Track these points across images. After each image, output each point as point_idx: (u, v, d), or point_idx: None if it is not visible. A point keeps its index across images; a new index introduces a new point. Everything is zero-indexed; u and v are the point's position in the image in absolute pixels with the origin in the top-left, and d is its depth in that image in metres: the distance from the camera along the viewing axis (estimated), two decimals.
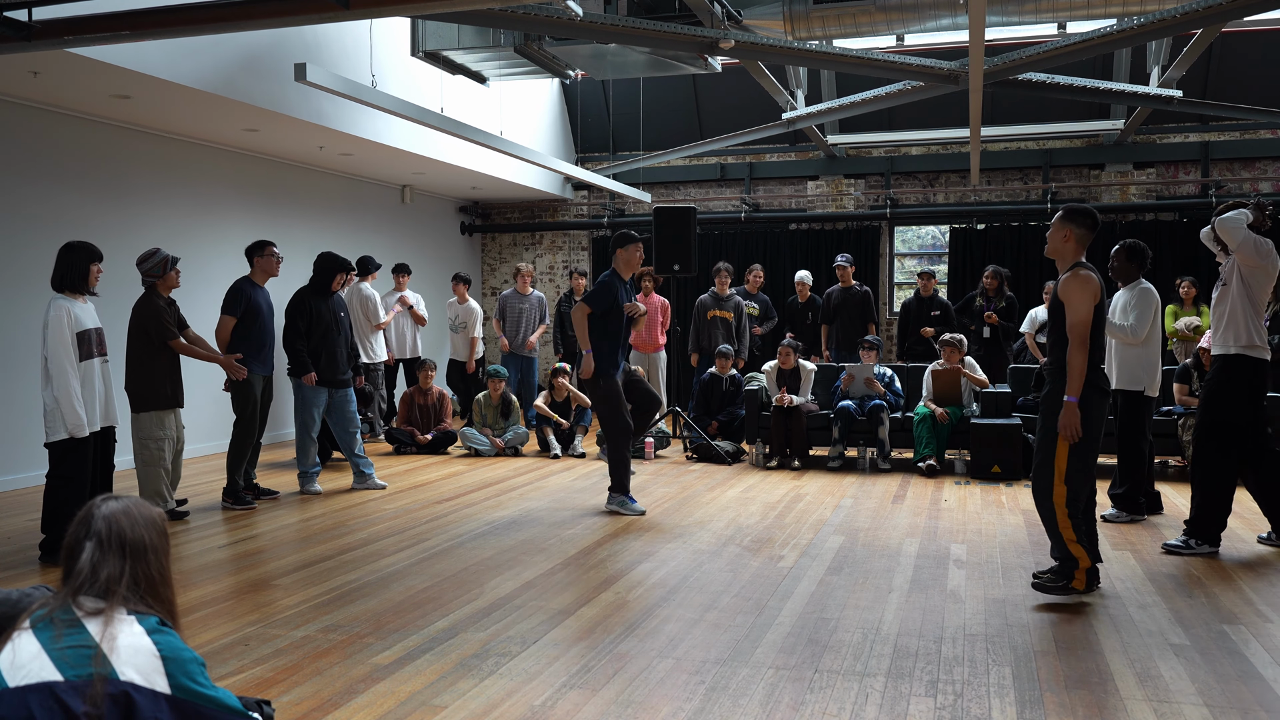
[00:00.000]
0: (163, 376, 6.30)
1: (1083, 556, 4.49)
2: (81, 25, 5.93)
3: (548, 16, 7.11)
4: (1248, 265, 5.30)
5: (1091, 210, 4.66)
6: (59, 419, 5.36)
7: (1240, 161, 11.90)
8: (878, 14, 7.69)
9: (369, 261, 9.90)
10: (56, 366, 5.34)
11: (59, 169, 8.07)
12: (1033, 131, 12.02)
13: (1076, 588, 4.50)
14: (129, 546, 2.08)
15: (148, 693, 1.96)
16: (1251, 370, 5.33)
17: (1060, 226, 4.65)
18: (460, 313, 11.03)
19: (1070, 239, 4.62)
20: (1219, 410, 5.38)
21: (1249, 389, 5.34)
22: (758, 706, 3.33)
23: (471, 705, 3.36)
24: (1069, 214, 4.66)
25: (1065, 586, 4.50)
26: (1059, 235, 4.65)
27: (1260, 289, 5.32)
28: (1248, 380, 5.34)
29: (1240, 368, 5.33)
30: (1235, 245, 5.28)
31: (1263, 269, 5.28)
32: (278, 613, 4.45)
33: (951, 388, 8.46)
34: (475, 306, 11.10)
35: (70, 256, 5.49)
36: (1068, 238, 4.63)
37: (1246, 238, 5.25)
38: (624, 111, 13.38)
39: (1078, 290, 4.50)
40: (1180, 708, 3.31)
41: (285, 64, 8.11)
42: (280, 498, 7.31)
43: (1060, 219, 4.66)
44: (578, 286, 11.21)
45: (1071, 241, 4.62)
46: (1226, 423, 5.35)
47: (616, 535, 5.97)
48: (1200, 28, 7.62)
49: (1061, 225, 4.65)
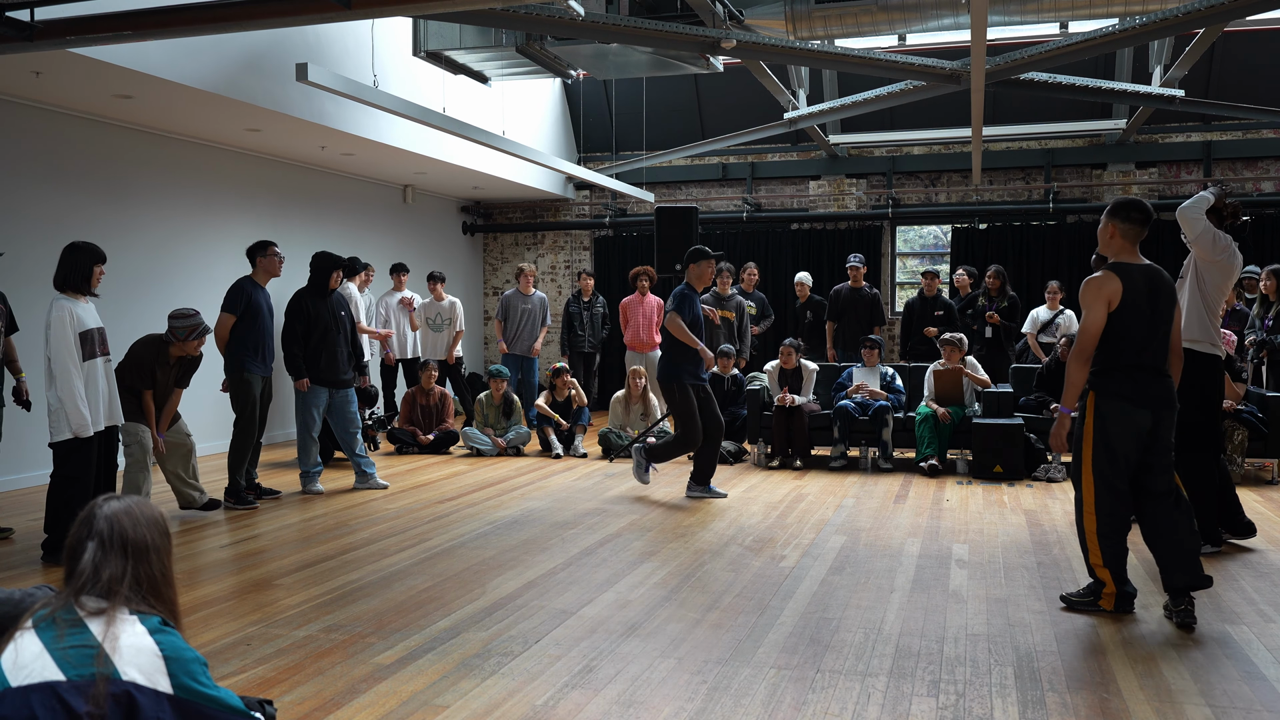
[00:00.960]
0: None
1: (1109, 581, 4.32)
2: (83, 25, 5.93)
3: (549, 16, 7.11)
4: (1203, 259, 5.20)
5: (1137, 201, 4.36)
6: (63, 419, 5.36)
7: (1243, 161, 11.89)
8: (879, 14, 7.68)
9: (355, 262, 9.86)
10: (60, 367, 5.34)
11: (61, 169, 8.07)
12: (1035, 131, 12.02)
13: (1104, 607, 4.35)
14: (131, 546, 2.09)
15: (150, 693, 1.96)
16: (1203, 366, 5.19)
17: (1106, 222, 4.40)
18: (442, 310, 10.86)
19: (1115, 234, 4.35)
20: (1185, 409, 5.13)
21: (1200, 385, 5.17)
22: (760, 706, 3.33)
23: (473, 705, 3.36)
24: (1113, 208, 4.38)
25: (1093, 604, 4.37)
26: (1105, 232, 4.40)
27: (1215, 285, 5.19)
28: (1201, 376, 5.18)
29: (1198, 364, 5.17)
30: (1193, 236, 5.17)
31: (1217, 265, 5.15)
32: (280, 612, 4.46)
33: (953, 387, 8.45)
34: (454, 300, 10.96)
35: (74, 257, 5.49)
36: (1113, 234, 4.36)
37: (1205, 229, 5.13)
38: (626, 111, 13.38)
39: (1089, 294, 4.25)
40: (1183, 708, 3.30)
41: (287, 64, 8.12)
42: (282, 497, 7.31)
43: (1106, 213, 4.41)
44: (586, 288, 11.21)
45: (1117, 237, 4.35)
46: (1194, 421, 5.16)
47: (618, 535, 5.97)
48: (1202, 27, 7.61)
49: (1107, 220, 4.39)
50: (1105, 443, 4.23)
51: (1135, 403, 4.21)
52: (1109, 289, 4.21)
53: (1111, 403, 4.22)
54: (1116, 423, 4.22)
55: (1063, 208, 12.19)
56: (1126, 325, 4.21)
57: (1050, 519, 6.36)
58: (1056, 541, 5.73)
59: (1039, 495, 7.21)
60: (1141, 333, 4.22)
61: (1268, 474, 7.77)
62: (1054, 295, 10.23)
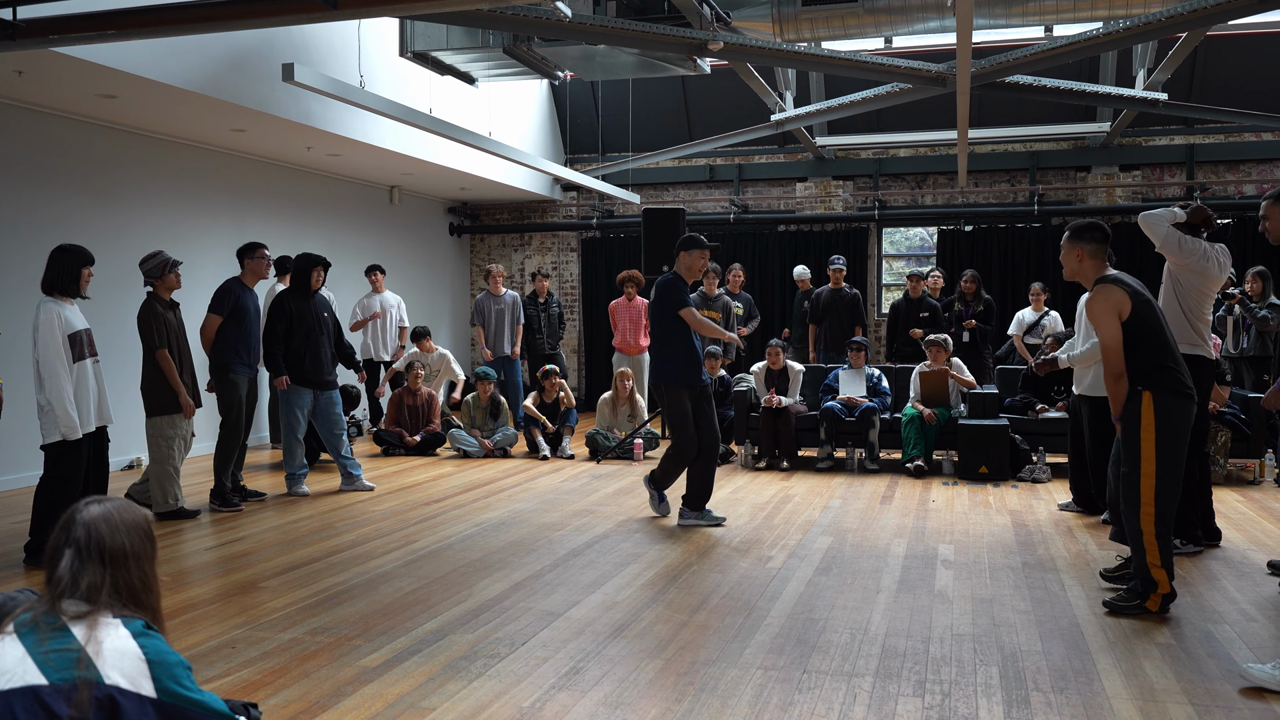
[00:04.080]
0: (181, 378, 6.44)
1: (1164, 581, 4.26)
2: (66, 24, 5.90)
3: (536, 17, 7.10)
4: (1175, 264, 5.22)
5: (1097, 223, 4.48)
6: (53, 421, 5.35)
7: (1225, 164, 11.98)
8: (866, 16, 7.71)
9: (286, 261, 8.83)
10: (49, 369, 5.33)
11: (44, 169, 8.02)
12: (1020, 134, 12.07)
13: (1150, 608, 4.29)
14: (108, 554, 2.06)
15: (133, 697, 1.95)
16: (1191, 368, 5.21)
17: (1070, 248, 4.49)
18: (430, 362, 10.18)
19: (1084, 256, 4.45)
20: None
21: None
22: (746, 707, 3.33)
23: (460, 707, 3.36)
24: (1075, 233, 4.48)
25: (1139, 606, 4.30)
26: (1072, 257, 4.49)
27: (1192, 288, 5.18)
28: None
29: None
30: (1158, 243, 5.18)
31: (1188, 268, 5.15)
32: (265, 615, 4.44)
33: (939, 389, 8.48)
34: (444, 352, 10.35)
35: (62, 260, 5.49)
36: (1081, 257, 4.46)
37: (1169, 234, 5.13)
38: (613, 113, 13.38)
39: (1099, 309, 4.27)
40: (1165, 707, 3.33)
41: (273, 64, 8.09)
42: (267, 499, 7.28)
43: (1067, 240, 4.50)
44: (540, 289, 11.27)
45: (1086, 259, 4.45)
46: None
47: (606, 536, 5.97)
48: (1185, 31, 7.66)
49: (1071, 246, 4.48)
50: (1172, 438, 4.23)
51: (1190, 396, 4.28)
52: (1115, 298, 4.25)
53: (1173, 399, 4.24)
54: (1181, 415, 4.25)
55: (1047, 210, 12.26)
56: (1150, 326, 4.26)
57: (1035, 519, 6.39)
58: (1041, 541, 5.75)
59: (1024, 496, 7.24)
60: (1164, 327, 4.30)
61: (1250, 474, 7.82)
62: (1038, 297, 10.28)
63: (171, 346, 6.42)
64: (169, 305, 6.48)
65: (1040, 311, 10.27)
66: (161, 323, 6.37)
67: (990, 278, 12.14)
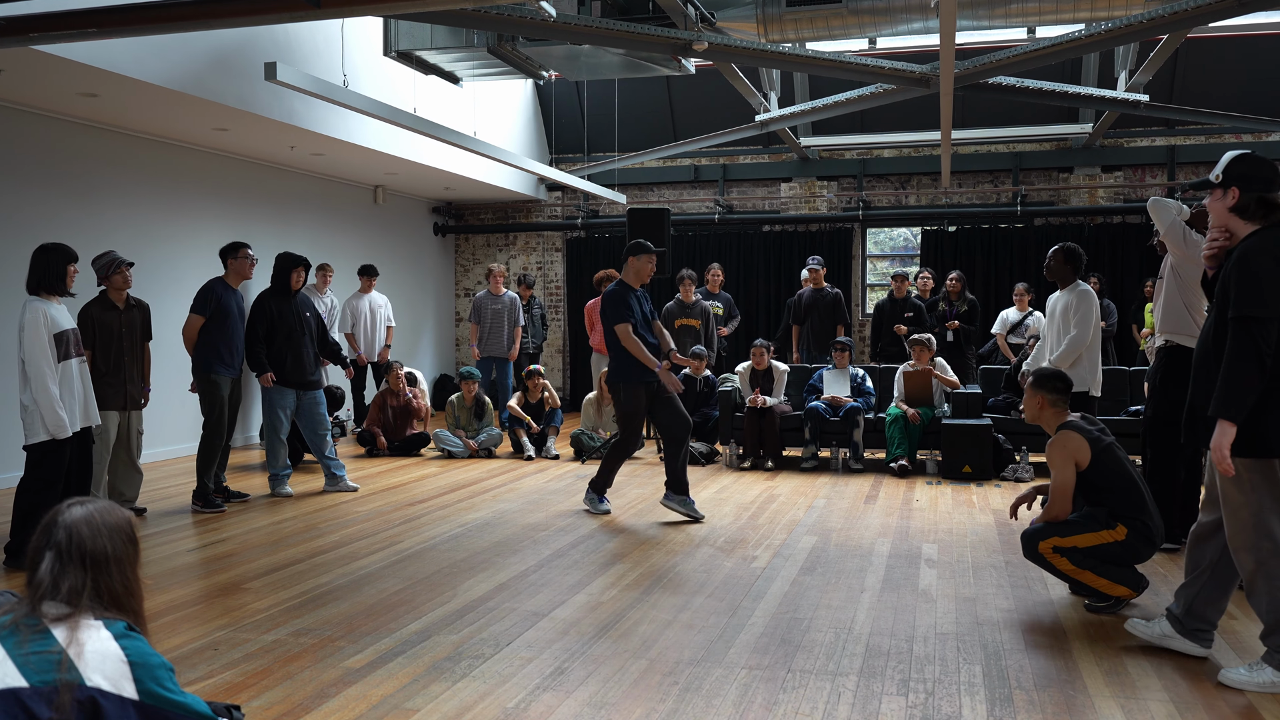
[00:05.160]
0: (101, 380, 6.34)
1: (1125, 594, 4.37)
2: (47, 22, 5.85)
3: (521, 17, 7.09)
4: (1176, 255, 5.24)
5: (1059, 373, 4.65)
6: (38, 420, 5.31)
7: (1205, 165, 12.06)
8: (850, 17, 7.73)
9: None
10: (34, 369, 5.29)
11: (25, 168, 7.96)
12: (1003, 135, 12.13)
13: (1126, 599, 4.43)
14: (89, 558, 2.05)
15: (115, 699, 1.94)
16: (1183, 360, 5.17)
17: (1033, 394, 4.63)
18: (370, 304, 10.70)
19: (1044, 405, 4.59)
20: (1163, 404, 5.27)
21: (1180, 379, 5.17)
22: (731, 707, 3.34)
23: (444, 708, 3.35)
24: (1038, 382, 4.63)
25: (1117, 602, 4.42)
26: (1034, 403, 4.62)
27: (1192, 278, 5.19)
28: (1182, 370, 5.16)
29: (1178, 358, 5.22)
30: (1163, 229, 5.20)
31: (1191, 260, 5.14)
32: (248, 616, 4.42)
33: (923, 389, 8.51)
34: (384, 297, 10.97)
35: (47, 259, 5.46)
36: (1042, 405, 4.60)
37: (1175, 223, 5.15)
38: (598, 113, 13.37)
39: (1057, 456, 4.42)
40: (1146, 704, 3.35)
41: (255, 63, 8.05)
42: (251, 500, 7.25)
43: (1030, 387, 4.65)
44: (522, 294, 11.30)
45: (1047, 407, 4.59)
46: (1171, 418, 5.17)
47: (590, 536, 5.97)
48: (1166, 33, 7.72)
49: (1034, 393, 4.62)
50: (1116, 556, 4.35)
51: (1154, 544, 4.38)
52: (1073, 447, 4.38)
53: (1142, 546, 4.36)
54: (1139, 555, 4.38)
55: (1030, 210, 12.32)
56: (1114, 472, 4.38)
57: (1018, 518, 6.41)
58: None
59: (1007, 495, 7.28)
60: (1129, 470, 4.42)
61: None
62: (1021, 297, 10.33)
63: (110, 349, 6.39)
64: (111, 306, 6.44)
65: (1024, 311, 10.32)
66: (93, 326, 6.36)
67: (974, 278, 12.20)
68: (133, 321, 6.57)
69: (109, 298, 6.47)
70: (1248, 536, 3.46)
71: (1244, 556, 3.49)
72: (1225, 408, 3.36)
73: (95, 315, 6.39)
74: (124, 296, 6.54)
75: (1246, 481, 3.44)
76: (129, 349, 6.52)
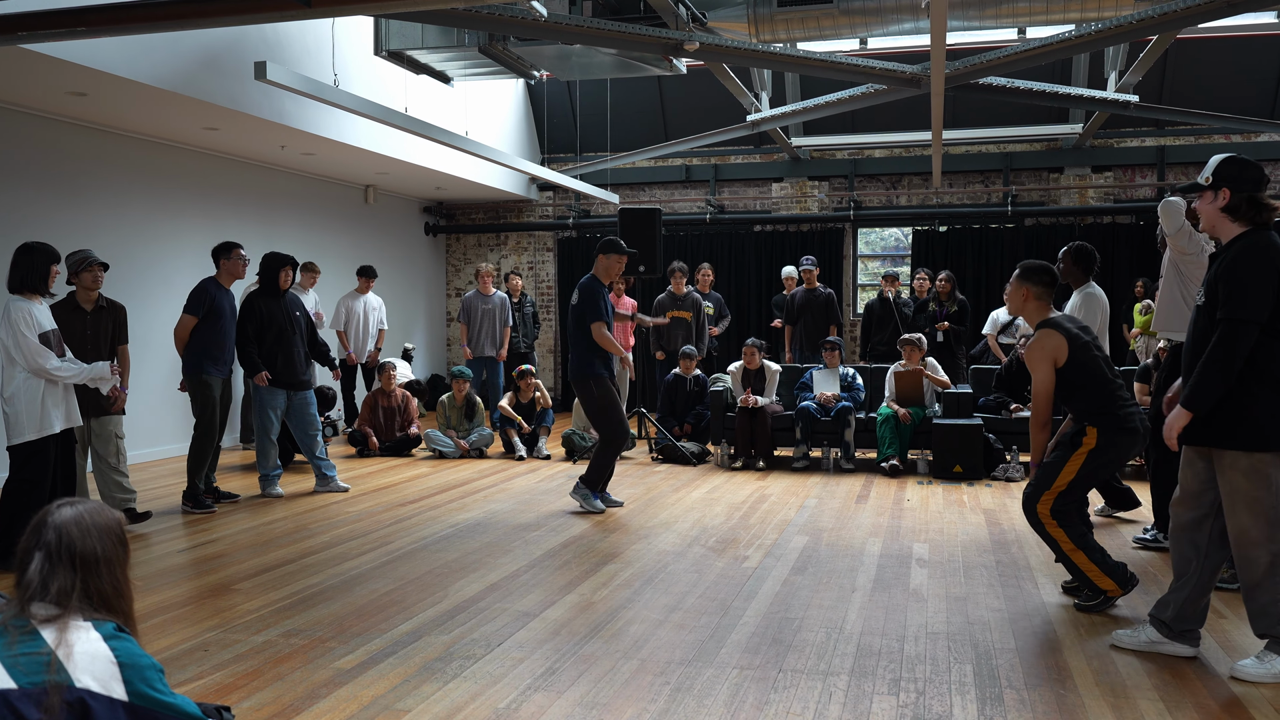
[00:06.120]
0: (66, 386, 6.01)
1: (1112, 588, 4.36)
2: (36, 21, 5.82)
3: (512, 17, 7.09)
4: (1179, 253, 5.24)
5: (1046, 265, 4.58)
6: (22, 420, 5.28)
7: (1195, 165, 12.11)
8: (841, 17, 7.74)
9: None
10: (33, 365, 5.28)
11: (13, 167, 7.92)
12: (993, 135, 12.16)
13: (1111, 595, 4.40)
14: (79, 559, 2.04)
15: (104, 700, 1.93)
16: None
17: (1018, 287, 4.59)
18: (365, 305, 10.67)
19: (1029, 297, 4.56)
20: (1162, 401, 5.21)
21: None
22: (722, 707, 3.34)
23: (435, 709, 3.35)
24: (1024, 273, 4.58)
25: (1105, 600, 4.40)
26: (1018, 295, 4.59)
27: (1192, 278, 5.20)
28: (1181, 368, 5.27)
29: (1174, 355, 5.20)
30: (1172, 231, 5.20)
31: (1196, 261, 5.17)
32: (238, 617, 4.40)
33: (914, 388, 8.53)
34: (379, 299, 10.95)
35: (30, 258, 5.42)
36: (1026, 296, 4.56)
37: (1183, 226, 5.16)
38: (589, 112, 13.37)
39: (1036, 355, 4.39)
40: (1136, 703, 3.36)
41: (246, 62, 8.02)
42: (241, 501, 7.23)
43: (1016, 279, 4.60)
44: (514, 288, 11.29)
45: (1031, 300, 4.56)
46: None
47: (582, 537, 5.97)
48: (1156, 34, 7.75)
49: (1019, 285, 4.58)
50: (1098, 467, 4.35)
51: (1135, 431, 4.37)
52: (1051, 346, 4.35)
53: (1117, 434, 4.33)
54: (1121, 451, 4.37)
55: (1021, 210, 12.35)
56: (1088, 371, 4.35)
57: (1009, 518, 6.44)
58: (1015, 540, 5.80)
59: (998, 494, 7.30)
60: (1104, 370, 4.38)
61: None
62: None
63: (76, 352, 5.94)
64: (76, 308, 6.09)
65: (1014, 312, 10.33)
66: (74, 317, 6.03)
67: (964, 278, 12.23)
68: (101, 324, 6.18)
69: (75, 299, 6.12)
70: (1265, 530, 3.50)
71: (1258, 551, 3.52)
72: (1193, 401, 3.57)
73: (59, 317, 5.91)
74: (93, 298, 6.15)
75: (1267, 477, 3.49)
76: (94, 353, 6.09)
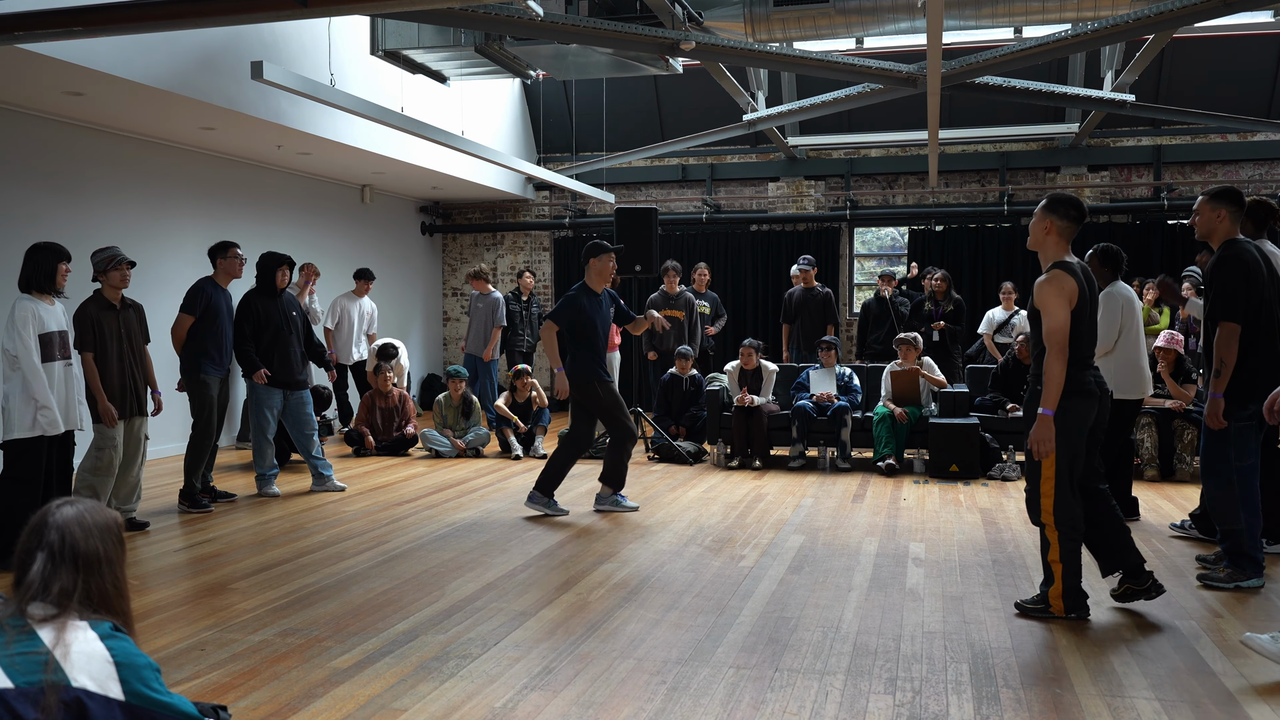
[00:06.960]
0: (109, 384, 6.00)
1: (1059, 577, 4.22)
2: (32, 21, 5.81)
3: (508, 16, 7.09)
4: None
5: (1076, 199, 4.24)
6: (14, 417, 5.28)
7: (1191, 165, 12.14)
8: (837, 17, 7.75)
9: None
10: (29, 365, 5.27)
11: (9, 167, 7.91)
12: (990, 134, 12.18)
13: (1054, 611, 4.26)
14: (82, 559, 2.04)
15: (101, 699, 1.93)
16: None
17: (1042, 217, 4.24)
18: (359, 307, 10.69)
19: (1052, 231, 4.21)
20: None
21: None
22: (718, 706, 3.34)
23: (432, 708, 3.35)
24: (1051, 203, 4.24)
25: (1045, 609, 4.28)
26: (1040, 227, 4.24)
27: None
28: None
29: None
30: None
31: None
32: (235, 617, 4.40)
33: (910, 388, 8.54)
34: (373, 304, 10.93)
35: (37, 257, 5.44)
36: (1049, 229, 4.22)
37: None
38: (586, 112, 13.37)
39: (1052, 295, 4.09)
40: (1133, 702, 3.37)
41: (242, 62, 8.01)
42: (238, 500, 7.22)
43: (1042, 209, 4.26)
44: (525, 286, 11.24)
45: (1053, 234, 4.21)
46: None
47: (578, 536, 5.97)
48: (1152, 33, 7.76)
49: (1043, 216, 4.24)
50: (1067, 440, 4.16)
51: (1088, 394, 4.18)
52: (1070, 287, 4.10)
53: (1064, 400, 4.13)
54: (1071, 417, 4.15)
55: (1017, 210, 12.37)
56: (1078, 325, 4.13)
57: (1005, 517, 6.45)
58: (1011, 539, 5.81)
59: (994, 494, 7.31)
60: (1082, 330, 4.16)
61: None
62: (1008, 296, 10.38)
63: (109, 350, 6.00)
64: (109, 305, 6.06)
65: (1010, 310, 10.36)
66: (90, 323, 5.94)
67: (960, 277, 12.24)
68: (129, 322, 6.19)
69: (104, 296, 6.06)
70: None
71: None
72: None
73: (92, 314, 5.95)
74: (119, 296, 6.12)
75: None
76: (129, 351, 6.13)
